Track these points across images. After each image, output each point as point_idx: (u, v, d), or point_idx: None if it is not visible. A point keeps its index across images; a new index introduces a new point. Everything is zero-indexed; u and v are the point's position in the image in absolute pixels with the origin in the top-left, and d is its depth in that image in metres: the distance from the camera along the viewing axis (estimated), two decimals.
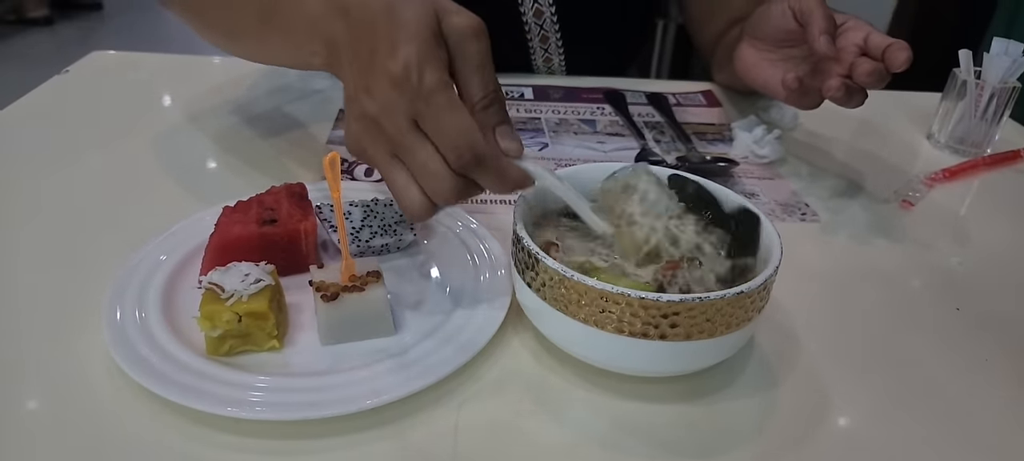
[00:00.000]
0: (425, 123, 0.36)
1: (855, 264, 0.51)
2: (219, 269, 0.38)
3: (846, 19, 0.58)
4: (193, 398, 0.33)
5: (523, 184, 0.38)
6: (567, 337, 0.37)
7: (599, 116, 0.71)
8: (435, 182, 0.36)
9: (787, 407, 0.38)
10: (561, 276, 0.35)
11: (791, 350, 0.42)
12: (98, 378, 0.36)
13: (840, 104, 0.55)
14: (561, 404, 0.37)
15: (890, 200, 0.60)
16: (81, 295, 0.42)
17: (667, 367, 0.37)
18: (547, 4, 0.77)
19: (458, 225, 0.48)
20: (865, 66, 0.53)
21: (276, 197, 0.45)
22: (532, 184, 0.39)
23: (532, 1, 0.77)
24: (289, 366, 0.37)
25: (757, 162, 0.63)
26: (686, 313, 0.34)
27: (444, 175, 0.36)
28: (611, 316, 0.34)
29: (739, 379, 0.40)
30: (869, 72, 0.53)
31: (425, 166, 0.36)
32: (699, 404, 0.38)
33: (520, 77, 0.80)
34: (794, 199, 0.58)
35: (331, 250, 0.46)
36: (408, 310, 0.41)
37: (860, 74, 0.53)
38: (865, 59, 0.54)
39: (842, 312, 0.46)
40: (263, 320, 0.36)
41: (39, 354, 0.38)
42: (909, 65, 0.53)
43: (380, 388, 0.35)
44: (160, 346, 0.36)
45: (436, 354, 0.37)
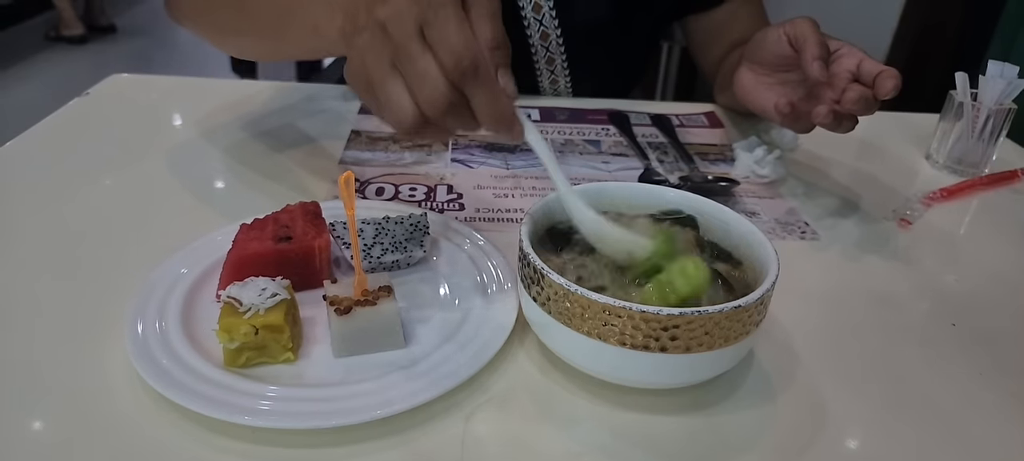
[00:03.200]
0: (430, 31, 0.36)
1: (852, 281, 0.52)
2: (237, 284, 0.39)
3: (840, 46, 0.60)
4: (212, 407, 0.35)
5: (511, 123, 0.39)
6: (571, 350, 0.39)
7: (604, 137, 0.72)
8: (430, 89, 0.36)
9: (786, 419, 0.39)
10: (566, 290, 0.36)
11: (789, 364, 0.43)
12: (120, 388, 0.38)
13: (829, 129, 0.57)
14: (565, 415, 0.39)
15: (888, 219, 0.61)
16: (103, 307, 0.43)
17: (668, 379, 0.38)
18: (553, 28, 0.80)
19: (466, 242, 0.50)
20: (853, 93, 0.55)
21: (291, 215, 0.46)
22: (520, 133, 0.39)
23: (538, 24, 0.80)
24: (303, 377, 0.38)
25: (758, 181, 0.65)
26: (685, 326, 0.35)
27: (439, 82, 0.36)
28: (614, 329, 0.36)
29: (739, 392, 0.41)
30: (855, 100, 0.54)
31: (424, 72, 0.36)
32: (700, 415, 0.39)
33: (527, 99, 0.82)
34: (793, 218, 0.60)
35: (344, 266, 0.48)
36: (418, 324, 0.43)
37: (847, 101, 0.55)
38: (855, 86, 0.56)
39: (839, 327, 0.47)
40: (279, 333, 0.38)
41: (63, 364, 0.39)
42: (897, 92, 0.55)
43: (390, 398, 0.36)
44: (179, 357, 0.38)
45: (444, 366, 0.39)
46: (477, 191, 0.60)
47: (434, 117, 0.37)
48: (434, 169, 0.64)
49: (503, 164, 0.65)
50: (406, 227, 0.48)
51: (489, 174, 0.63)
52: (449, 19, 0.36)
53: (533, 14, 0.79)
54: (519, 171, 0.64)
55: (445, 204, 0.58)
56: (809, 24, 0.59)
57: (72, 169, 0.62)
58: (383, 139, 0.69)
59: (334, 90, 0.81)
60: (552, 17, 0.79)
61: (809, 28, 0.59)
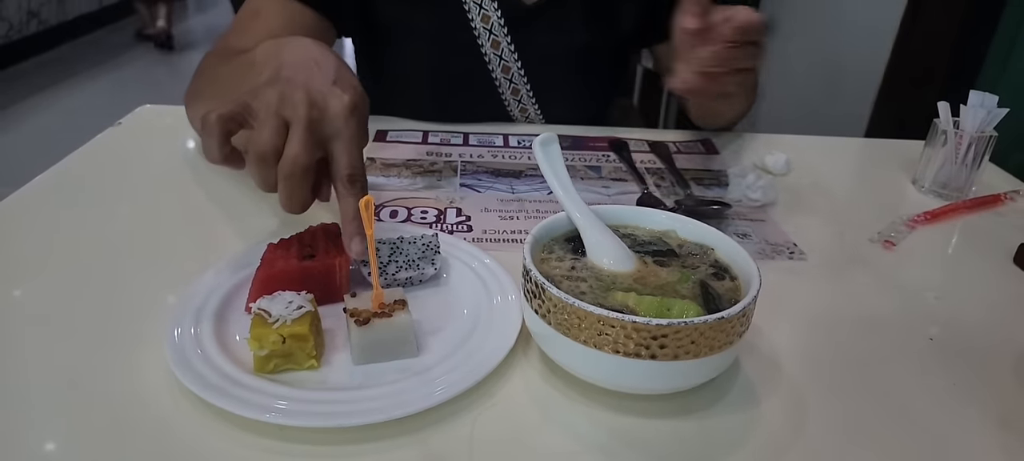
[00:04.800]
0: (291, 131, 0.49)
1: (837, 299, 0.56)
2: (266, 297, 0.43)
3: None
4: (244, 407, 0.38)
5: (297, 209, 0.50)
6: (570, 358, 0.42)
7: (604, 163, 0.77)
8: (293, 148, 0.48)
9: (770, 424, 0.42)
10: (564, 303, 0.40)
11: (774, 375, 0.46)
12: (158, 391, 0.41)
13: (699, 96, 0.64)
14: (565, 418, 0.42)
15: (873, 240, 0.64)
16: (142, 319, 0.47)
17: (658, 385, 0.41)
18: (513, 62, 0.84)
19: (474, 261, 0.54)
20: None
21: (314, 235, 0.51)
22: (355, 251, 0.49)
23: (499, 59, 0.83)
24: (326, 382, 0.42)
25: (750, 205, 0.68)
26: (673, 335, 0.39)
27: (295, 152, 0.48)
28: (608, 338, 0.39)
29: (726, 398, 0.44)
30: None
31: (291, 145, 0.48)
32: (689, 419, 0.42)
33: (499, 126, 0.85)
34: (783, 239, 0.63)
35: (361, 282, 0.51)
36: (430, 335, 0.46)
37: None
38: None
39: (823, 341, 0.50)
40: (304, 342, 0.42)
41: (105, 371, 0.43)
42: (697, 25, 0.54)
43: (405, 401, 0.40)
44: (214, 363, 0.41)
45: (454, 373, 0.42)
46: (484, 214, 0.64)
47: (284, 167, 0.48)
48: (444, 194, 0.68)
49: (509, 189, 0.69)
50: (419, 247, 0.52)
51: (496, 198, 0.67)
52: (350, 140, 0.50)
53: (492, 50, 0.83)
54: (524, 195, 0.68)
55: (454, 226, 0.62)
56: None
57: (109, 193, 0.66)
58: (396, 166, 0.73)
59: None
60: (511, 52, 0.83)
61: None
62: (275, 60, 0.52)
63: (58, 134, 2.65)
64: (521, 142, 0.81)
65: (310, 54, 0.52)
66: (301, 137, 0.48)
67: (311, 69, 0.50)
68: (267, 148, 0.48)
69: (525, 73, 0.85)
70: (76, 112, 2.93)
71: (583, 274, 0.45)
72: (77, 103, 3.06)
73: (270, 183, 0.49)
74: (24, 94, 3.11)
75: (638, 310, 0.41)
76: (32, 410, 0.40)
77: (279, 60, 0.51)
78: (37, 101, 3.06)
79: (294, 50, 0.53)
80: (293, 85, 0.49)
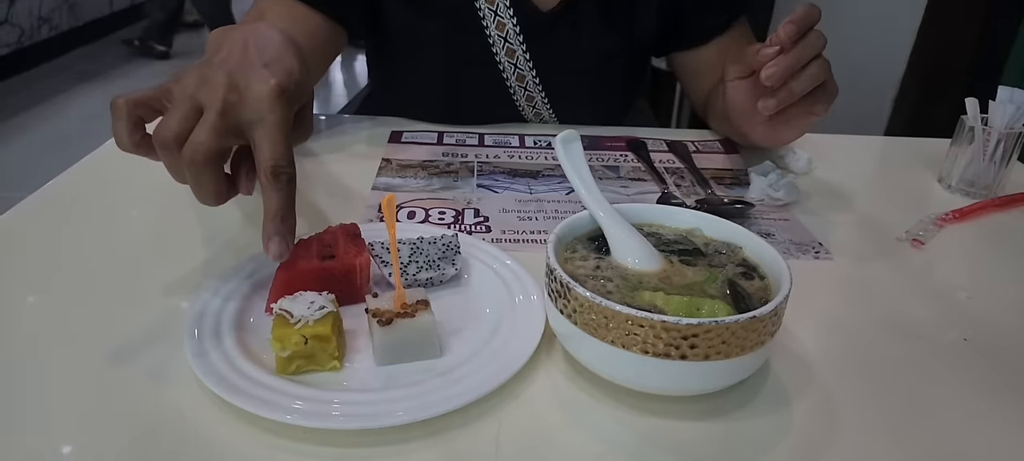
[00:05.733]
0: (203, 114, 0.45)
1: (866, 298, 0.54)
2: (288, 298, 0.43)
3: None
4: (268, 409, 0.38)
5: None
6: (597, 358, 0.41)
7: (623, 163, 0.76)
8: (202, 135, 0.44)
9: (801, 426, 0.41)
10: (591, 303, 0.39)
11: (805, 376, 0.45)
12: (180, 393, 0.41)
13: (776, 127, 0.65)
14: (591, 420, 0.41)
15: (901, 239, 0.63)
16: (162, 322, 0.47)
17: (688, 386, 0.40)
18: (528, 70, 0.82)
19: (494, 261, 0.53)
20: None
21: (333, 235, 0.50)
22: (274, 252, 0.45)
23: (513, 67, 0.82)
24: (349, 383, 0.41)
25: (772, 204, 0.67)
26: (704, 335, 0.38)
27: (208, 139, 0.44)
28: (636, 338, 0.38)
29: (755, 400, 0.43)
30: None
31: (206, 124, 0.44)
32: (718, 421, 0.41)
33: (513, 127, 0.84)
34: (808, 238, 0.62)
35: (381, 282, 0.51)
36: (452, 335, 0.46)
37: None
38: None
39: (853, 341, 0.49)
40: (326, 342, 0.41)
41: (126, 374, 0.43)
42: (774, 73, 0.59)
43: (429, 403, 0.39)
44: (235, 365, 0.41)
45: (478, 374, 0.41)
46: (502, 214, 0.63)
47: (186, 152, 0.44)
48: (462, 194, 0.67)
49: (527, 189, 0.69)
50: (439, 247, 0.51)
51: (514, 198, 0.67)
52: (274, 127, 0.45)
53: (507, 59, 0.81)
54: (542, 195, 0.67)
55: (473, 226, 0.61)
56: None
57: (121, 198, 0.66)
58: (412, 167, 0.73)
59: (363, 121, 0.86)
60: (526, 60, 0.82)
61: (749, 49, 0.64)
62: (217, 44, 0.48)
63: (70, 140, 2.68)
64: (537, 142, 0.80)
65: (253, 36, 0.48)
66: (210, 122, 0.43)
67: (244, 51, 0.47)
68: (169, 134, 0.44)
69: (540, 82, 0.83)
70: (88, 118, 2.96)
71: (608, 273, 0.44)
72: (89, 109, 3.09)
73: (178, 172, 0.45)
74: (36, 100, 3.15)
75: (667, 310, 0.41)
76: (53, 417, 0.40)
77: (219, 44, 0.48)
78: (49, 107, 3.10)
79: (239, 33, 0.49)
80: (216, 67, 0.45)
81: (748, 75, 0.67)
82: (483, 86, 0.84)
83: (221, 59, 0.46)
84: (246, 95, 0.45)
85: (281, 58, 0.47)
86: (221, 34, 0.50)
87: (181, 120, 0.44)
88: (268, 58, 0.47)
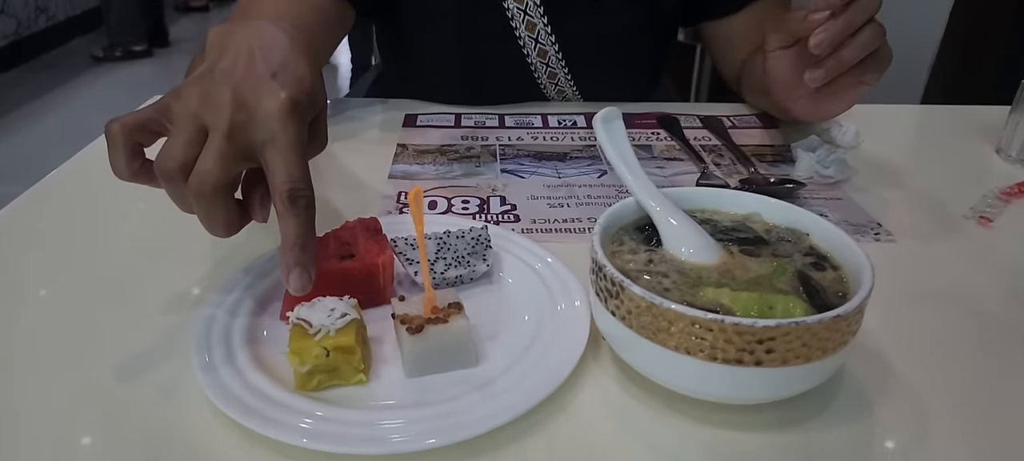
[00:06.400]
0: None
1: (938, 283, 0.49)
2: (305, 305, 0.38)
3: None
4: (287, 433, 0.33)
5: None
6: (655, 365, 0.37)
7: (655, 141, 0.70)
8: (210, 164, 0.39)
9: (887, 434, 0.37)
10: (649, 303, 0.34)
11: (884, 375, 0.41)
12: (190, 414, 0.37)
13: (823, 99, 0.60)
14: (651, 434, 0.37)
15: (966, 217, 0.58)
16: (169, 331, 0.43)
17: (762, 394, 0.36)
18: (550, 45, 0.77)
19: (527, 254, 0.48)
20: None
21: (351, 232, 0.45)
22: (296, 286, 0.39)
23: (534, 43, 0.77)
24: (377, 400, 0.37)
25: (822, 182, 0.62)
26: (782, 338, 0.33)
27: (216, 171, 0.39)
28: (703, 343, 0.34)
29: (833, 405, 0.38)
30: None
31: (216, 153, 0.39)
32: (793, 432, 0.37)
33: (536, 106, 0.80)
34: (865, 219, 0.57)
35: (406, 283, 0.46)
36: (487, 340, 0.41)
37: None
38: None
39: (932, 332, 0.44)
40: (350, 354, 0.37)
41: (129, 394, 0.38)
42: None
43: (468, 421, 0.34)
44: (250, 382, 0.37)
45: (521, 385, 0.37)
46: (531, 202, 0.59)
47: (193, 184, 0.39)
48: (485, 181, 0.62)
49: (554, 173, 0.64)
50: (468, 241, 0.47)
51: (541, 184, 0.62)
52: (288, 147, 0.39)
53: (527, 33, 0.76)
54: (571, 179, 0.62)
55: (499, 216, 0.56)
56: None
57: (121, 193, 0.61)
58: (430, 152, 0.68)
59: (374, 104, 0.81)
60: (548, 34, 0.77)
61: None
62: (218, 49, 0.43)
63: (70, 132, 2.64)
64: (562, 122, 0.75)
65: (257, 40, 0.43)
66: (216, 148, 0.38)
67: (250, 60, 0.41)
68: (173, 164, 0.38)
69: (563, 56, 0.78)
70: (88, 109, 2.91)
71: (663, 268, 0.39)
72: (87, 100, 3.04)
73: (185, 204, 0.40)
74: (36, 92, 3.10)
75: (734, 309, 0.36)
76: (46, 438, 0.36)
77: (222, 48, 0.43)
78: (48, 99, 3.06)
79: (242, 36, 0.43)
80: (220, 82, 0.40)
81: (791, 44, 0.62)
82: (502, 63, 0.78)
83: (224, 70, 0.41)
84: (255, 113, 0.39)
85: (290, 65, 0.42)
86: (222, 35, 0.44)
87: (185, 146, 0.39)
88: (276, 66, 0.41)
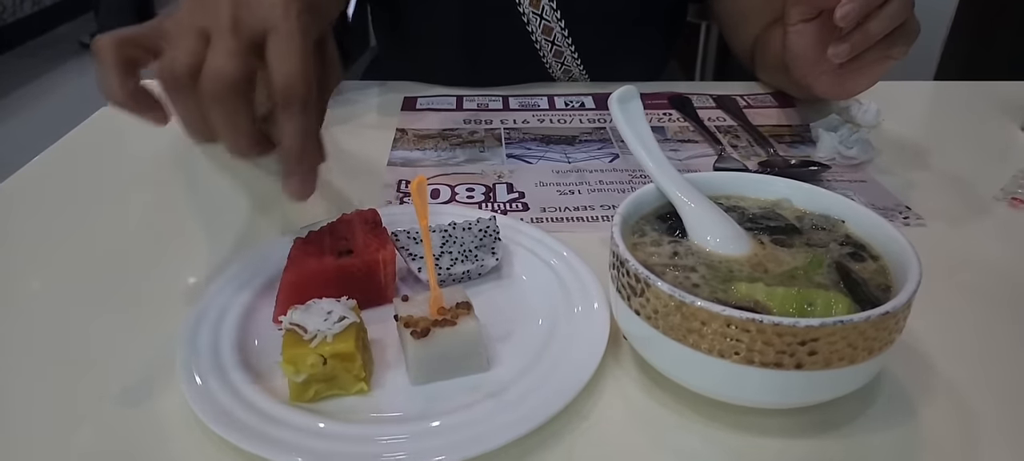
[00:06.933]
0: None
1: (975, 271, 0.46)
2: (299, 308, 0.35)
3: None
4: (282, 453, 0.30)
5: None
6: (684, 369, 0.33)
7: (668, 123, 0.67)
8: (221, 61, 0.35)
9: (929, 437, 0.34)
10: (678, 302, 0.31)
11: (925, 374, 0.38)
12: (176, 431, 0.33)
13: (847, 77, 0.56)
14: (681, 442, 0.34)
15: (998, 199, 0.55)
16: (148, 335, 0.39)
17: (801, 398, 0.33)
18: (555, 21, 0.74)
19: (538, 246, 0.45)
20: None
21: (349, 225, 0.42)
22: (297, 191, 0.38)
23: (539, 19, 0.74)
24: (381, 410, 0.34)
25: (845, 163, 0.59)
26: (826, 338, 0.30)
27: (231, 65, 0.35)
28: (739, 345, 0.30)
29: (873, 408, 0.35)
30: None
31: (228, 50, 0.35)
32: (830, 437, 0.34)
33: (542, 87, 0.76)
34: (892, 202, 0.54)
35: (409, 280, 0.43)
36: (499, 342, 0.38)
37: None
38: None
39: (972, 325, 0.41)
40: (350, 362, 0.33)
41: (106, 406, 0.35)
42: None
43: (482, 434, 0.31)
44: (240, 395, 0.33)
45: (538, 392, 0.34)
46: (539, 189, 0.55)
47: (206, 86, 0.35)
48: (490, 166, 0.59)
49: (564, 158, 0.60)
50: (475, 233, 0.44)
51: (550, 169, 0.58)
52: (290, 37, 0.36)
53: (531, 9, 0.73)
54: (581, 164, 0.59)
55: (507, 205, 0.53)
56: None
57: (101, 184, 0.58)
58: (431, 137, 0.64)
59: (371, 87, 0.77)
60: (552, 9, 0.73)
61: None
62: None
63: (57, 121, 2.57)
64: (569, 104, 0.71)
65: None
66: (224, 44, 0.35)
67: None
68: (179, 66, 0.35)
69: (569, 34, 0.75)
70: (75, 97, 2.84)
71: (689, 261, 0.36)
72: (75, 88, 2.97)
73: (196, 119, 0.37)
74: (22, 80, 3.03)
75: (771, 306, 0.33)
76: (23, 443, 0.33)
77: None
78: (34, 87, 2.99)
79: None
80: None
81: (814, 16, 0.58)
82: (505, 40, 0.75)
83: None
84: (255, 3, 0.36)
85: None
86: None
87: (189, 53, 0.35)
88: None
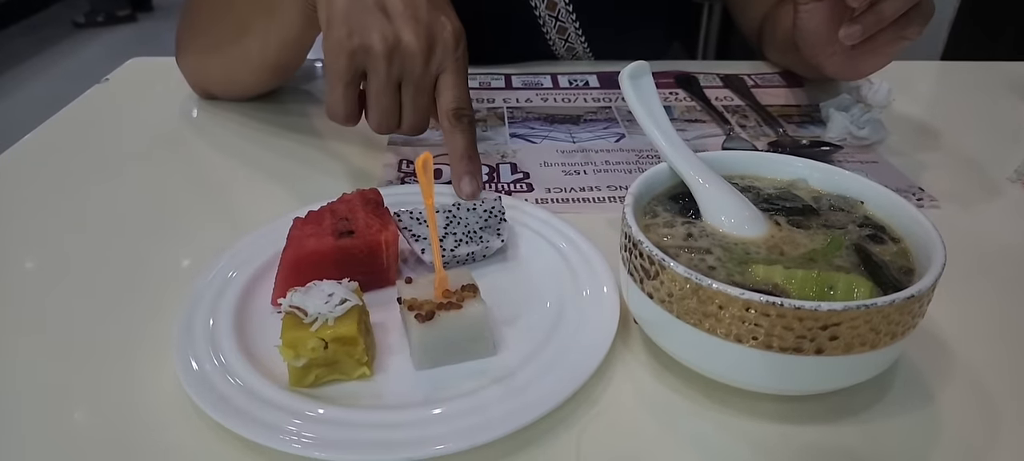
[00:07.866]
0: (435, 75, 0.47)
1: (992, 255, 0.45)
2: (299, 290, 0.34)
3: None
4: (281, 439, 0.29)
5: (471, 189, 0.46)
6: (699, 354, 0.32)
7: (674, 102, 0.65)
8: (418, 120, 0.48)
9: (948, 422, 0.33)
10: (695, 285, 0.30)
11: (942, 358, 0.37)
12: (171, 417, 0.32)
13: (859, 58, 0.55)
14: (693, 429, 0.33)
15: (1012, 180, 0.54)
16: (141, 319, 0.38)
17: (820, 385, 0.32)
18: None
19: (544, 227, 0.44)
20: None
21: (349, 205, 0.41)
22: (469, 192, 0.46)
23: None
24: (384, 397, 0.33)
25: (857, 144, 0.58)
26: (848, 323, 0.29)
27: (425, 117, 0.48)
28: (758, 329, 0.29)
29: (890, 394, 0.34)
30: None
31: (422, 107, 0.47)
32: (847, 423, 0.33)
33: (545, 66, 0.74)
34: (905, 183, 0.53)
35: (411, 261, 0.42)
36: (505, 326, 0.37)
37: None
38: None
39: (988, 309, 0.40)
40: (352, 345, 0.32)
41: (99, 394, 0.34)
42: None
43: (490, 421, 0.30)
44: (238, 380, 0.32)
45: (546, 377, 0.33)
46: (544, 169, 0.54)
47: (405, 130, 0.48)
48: (493, 146, 0.57)
49: (568, 137, 0.59)
50: (480, 214, 0.42)
51: (554, 149, 0.57)
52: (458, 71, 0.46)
53: None
54: (587, 144, 0.58)
55: (511, 185, 0.52)
56: None
57: (93, 163, 0.56)
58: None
59: None
60: None
61: None
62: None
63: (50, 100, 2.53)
64: (574, 82, 0.69)
65: None
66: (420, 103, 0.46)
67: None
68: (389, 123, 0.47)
69: (573, 8, 0.73)
70: (68, 76, 2.80)
71: (704, 243, 0.35)
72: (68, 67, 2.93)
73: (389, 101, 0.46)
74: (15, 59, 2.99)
75: (790, 289, 0.31)
76: (15, 429, 0.31)
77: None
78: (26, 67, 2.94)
79: None
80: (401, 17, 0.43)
81: None
82: (507, 16, 0.73)
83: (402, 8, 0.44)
84: (436, 47, 0.44)
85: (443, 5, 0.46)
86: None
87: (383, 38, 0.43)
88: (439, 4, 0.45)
